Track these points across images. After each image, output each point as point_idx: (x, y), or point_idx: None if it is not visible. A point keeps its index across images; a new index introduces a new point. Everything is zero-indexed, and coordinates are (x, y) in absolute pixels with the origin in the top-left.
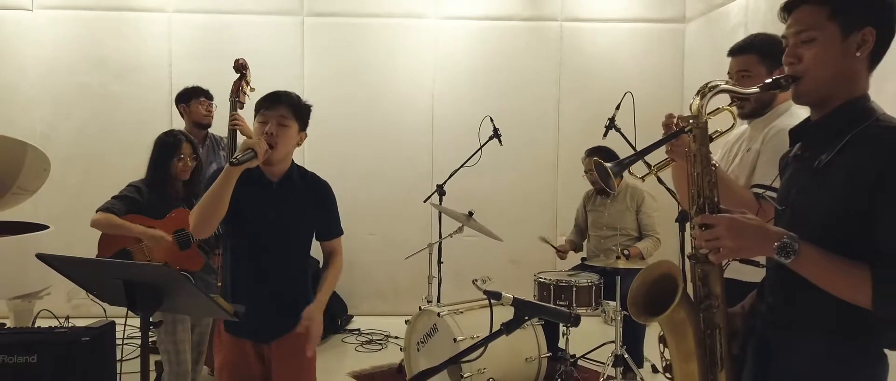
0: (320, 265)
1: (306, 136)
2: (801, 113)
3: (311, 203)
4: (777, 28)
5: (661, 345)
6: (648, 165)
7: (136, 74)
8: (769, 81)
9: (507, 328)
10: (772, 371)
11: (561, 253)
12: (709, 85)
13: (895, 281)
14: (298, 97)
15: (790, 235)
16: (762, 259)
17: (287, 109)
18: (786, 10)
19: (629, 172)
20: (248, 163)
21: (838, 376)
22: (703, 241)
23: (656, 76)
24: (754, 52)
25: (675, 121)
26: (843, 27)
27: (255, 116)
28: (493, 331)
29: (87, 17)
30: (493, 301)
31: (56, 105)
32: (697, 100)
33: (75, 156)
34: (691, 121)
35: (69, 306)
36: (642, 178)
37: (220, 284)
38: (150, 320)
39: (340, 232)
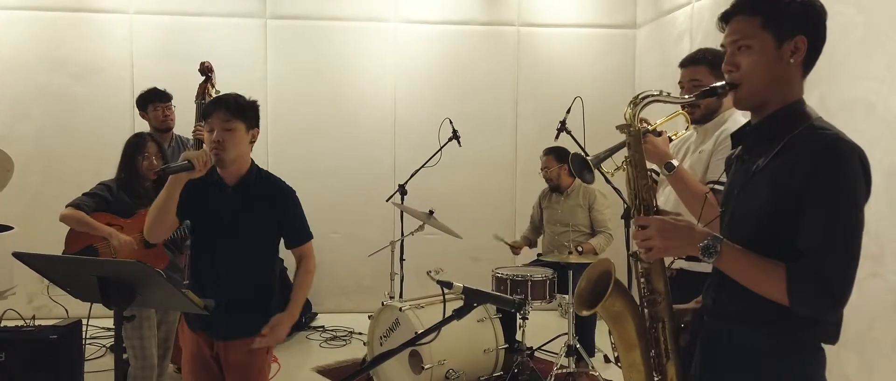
0: (284, 266)
1: (259, 131)
2: (741, 119)
3: (269, 208)
4: (719, 36)
5: (611, 337)
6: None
7: (96, 75)
8: (705, 89)
9: (458, 313)
10: (715, 362)
11: (515, 250)
12: (640, 95)
13: (804, 276)
14: (238, 97)
15: (714, 236)
16: None
17: (227, 113)
18: (723, 20)
19: (599, 168)
20: (186, 173)
21: (775, 366)
22: (638, 240)
23: (609, 79)
24: (705, 64)
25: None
26: (776, 36)
27: (204, 124)
28: (445, 317)
29: (47, 17)
30: (445, 290)
31: (14, 106)
32: (629, 109)
33: (34, 157)
34: (626, 129)
35: (31, 307)
36: (612, 173)
37: (186, 281)
38: (123, 315)
39: (308, 237)
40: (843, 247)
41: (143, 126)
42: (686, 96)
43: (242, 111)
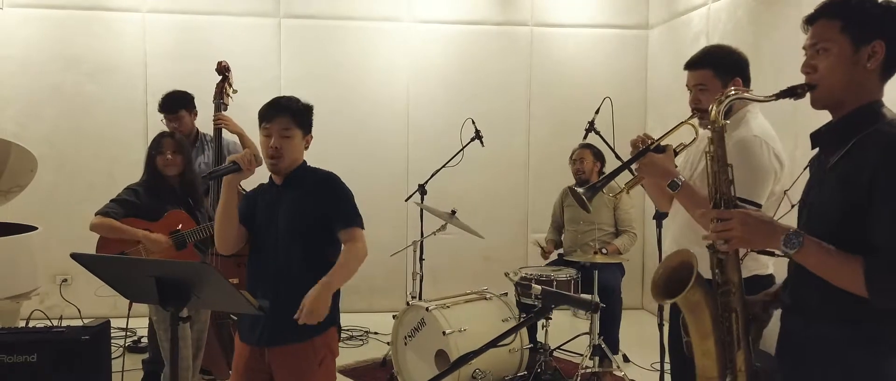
0: None
1: (312, 137)
2: (755, 122)
3: (314, 198)
4: (737, 37)
5: (683, 331)
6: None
7: (109, 74)
8: (785, 89)
9: (537, 315)
10: (793, 355)
11: (546, 254)
12: (726, 93)
13: (883, 270)
14: (298, 102)
15: (795, 230)
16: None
17: (288, 120)
18: (808, 23)
19: (604, 192)
20: (234, 175)
21: (853, 359)
22: (716, 232)
23: (622, 79)
24: (709, 66)
25: (640, 140)
26: (854, 40)
27: (259, 126)
28: (524, 318)
29: (59, 16)
30: (501, 298)
31: (27, 105)
32: (715, 107)
33: (47, 156)
34: (711, 124)
35: (43, 307)
36: (616, 196)
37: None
38: (180, 316)
39: (354, 222)
40: None
41: (156, 124)
42: (765, 96)
43: (301, 117)
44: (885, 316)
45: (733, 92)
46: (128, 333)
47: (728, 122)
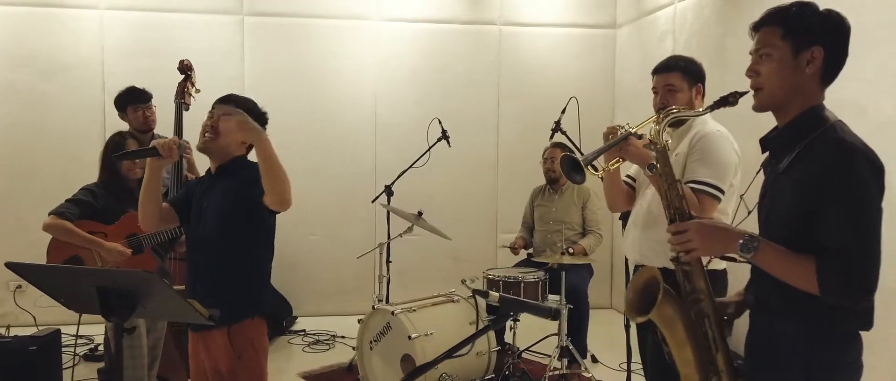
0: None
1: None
2: (711, 123)
3: (247, 185)
4: (703, 36)
5: (662, 341)
6: (594, 168)
7: (66, 72)
8: (718, 99)
9: (494, 324)
10: (759, 350)
11: (514, 250)
12: (665, 112)
13: (832, 270)
14: (254, 103)
15: (750, 235)
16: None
17: (234, 106)
18: (754, 29)
19: (591, 167)
20: (155, 159)
21: (815, 351)
22: (677, 245)
23: (590, 79)
24: (678, 70)
25: (618, 128)
26: (794, 46)
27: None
28: (481, 328)
29: (12, 12)
30: (478, 299)
31: None
32: (654, 126)
33: (1, 157)
34: (653, 145)
35: None
36: (601, 173)
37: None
38: (124, 327)
39: None
40: (859, 243)
41: (116, 124)
42: (702, 109)
43: (253, 113)
44: (842, 311)
45: (675, 110)
46: (85, 340)
47: (669, 140)
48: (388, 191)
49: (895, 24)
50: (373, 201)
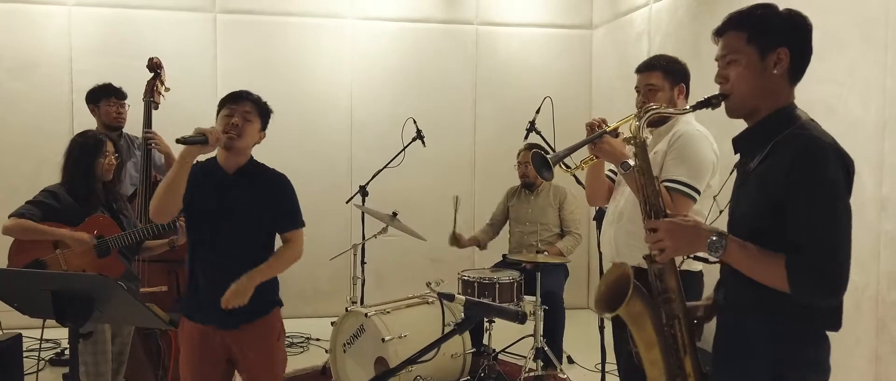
0: None
1: (265, 135)
2: (693, 121)
3: (267, 195)
4: (678, 37)
5: (631, 342)
6: (567, 165)
7: (33, 70)
8: (701, 100)
9: (460, 327)
10: (728, 350)
11: (458, 243)
12: (646, 108)
13: (802, 267)
14: (263, 100)
15: (720, 233)
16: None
17: (252, 106)
18: (717, 35)
19: (562, 164)
20: (198, 146)
21: (782, 351)
22: (650, 243)
23: (567, 79)
24: (660, 69)
25: (597, 123)
26: (760, 49)
27: (217, 113)
28: (446, 332)
29: None
30: (445, 302)
31: None
32: (635, 122)
33: None
34: (632, 140)
35: None
36: (573, 172)
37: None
38: (80, 332)
39: (296, 224)
40: (828, 240)
41: (83, 123)
42: (685, 108)
43: (263, 111)
44: (809, 309)
45: (654, 107)
46: (52, 344)
47: (649, 136)
48: (363, 191)
49: (863, 25)
50: (347, 202)
